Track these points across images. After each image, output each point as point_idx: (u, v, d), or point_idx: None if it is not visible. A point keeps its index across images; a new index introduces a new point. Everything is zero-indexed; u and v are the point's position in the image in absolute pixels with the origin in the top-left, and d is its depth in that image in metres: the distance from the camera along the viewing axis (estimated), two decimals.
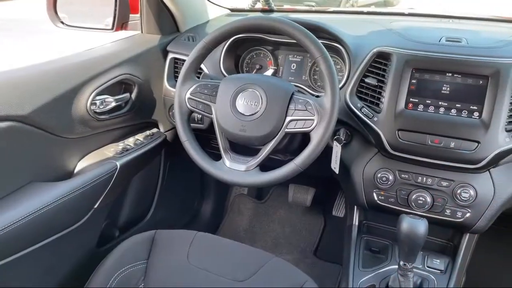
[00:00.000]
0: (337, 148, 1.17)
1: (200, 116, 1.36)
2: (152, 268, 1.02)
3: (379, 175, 1.15)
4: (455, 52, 1.04)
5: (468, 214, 1.08)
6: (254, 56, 1.42)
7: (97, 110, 1.22)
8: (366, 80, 1.11)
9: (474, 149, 0.99)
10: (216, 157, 1.12)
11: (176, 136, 1.39)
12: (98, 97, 1.21)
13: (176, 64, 1.45)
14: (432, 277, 1.14)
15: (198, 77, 1.19)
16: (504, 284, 1.64)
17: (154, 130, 1.48)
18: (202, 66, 1.33)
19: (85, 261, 1.24)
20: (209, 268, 1.01)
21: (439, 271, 1.15)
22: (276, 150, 1.08)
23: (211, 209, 2.00)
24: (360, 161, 1.19)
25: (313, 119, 1.00)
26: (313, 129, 0.99)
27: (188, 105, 1.12)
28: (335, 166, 1.18)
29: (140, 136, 1.40)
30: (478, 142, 0.99)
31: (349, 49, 1.18)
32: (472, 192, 1.06)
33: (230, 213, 2.09)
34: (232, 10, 1.74)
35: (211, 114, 1.10)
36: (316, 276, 1.05)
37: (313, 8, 1.80)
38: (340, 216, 1.87)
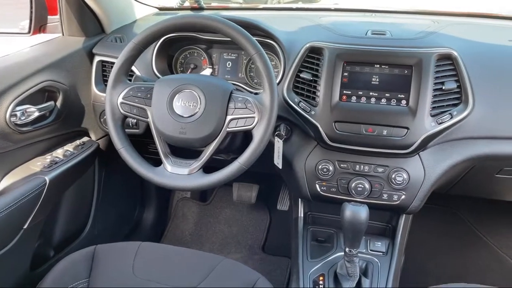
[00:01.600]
0: (278, 144, 1.18)
1: (135, 120, 1.30)
2: (96, 286, 0.95)
3: (320, 166, 1.17)
4: (381, 45, 1.10)
5: (403, 197, 1.14)
6: (188, 56, 1.39)
7: (18, 122, 1.12)
8: (301, 75, 1.13)
9: (404, 135, 1.05)
10: (156, 162, 1.07)
11: (110, 144, 1.32)
12: (18, 108, 1.11)
13: (104, 67, 1.37)
14: (376, 259, 1.20)
15: (130, 80, 1.14)
16: (439, 257, 1.78)
17: (85, 139, 1.39)
18: (133, 68, 1.27)
19: (19, 286, 1.13)
20: (158, 279, 0.97)
21: (381, 253, 1.21)
22: (219, 150, 1.07)
23: (154, 217, 1.93)
24: (302, 155, 1.21)
25: (254, 117, 0.99)
26: (254, 126, 0.99)
27: (121, 110, 1.06)
28: (278, 161, 1.19)
29: (69, 147, 1.31)
30: (408, 128, 1.05)
31: (282, 45, 1.20)
32: (405, 175, 1.12)
33: (174, 218, 2.03)
34: (160, 9, 1.68)
35: (147, 118, 1.05)
36: (266, 271, 1.06)
37: (244, 5, 1.80)
38: (285, 210, 1.90)
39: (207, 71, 1.33)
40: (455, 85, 1.04)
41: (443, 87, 1.04)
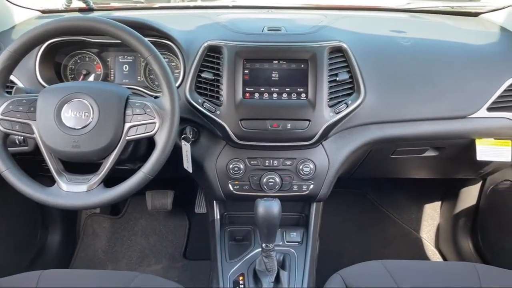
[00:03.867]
0: (186, 147, 1.14)
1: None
2: None
3: (231, 166, 1.17)
4: (277, 40, 1.12)
5: (311, 186, 1.18)
6: (78, 61, 1.28)
7: None
8: (203, 75, 1.11)
9: (307, 127, 1.09)
10: (52, 181, 0.97)
11: None
12: None
13: None
14: (292, 250, 1.23)
15: (9, 93, 1.01)
16: (351, 237, 1.89)
17: None
18: (14, 78, 1.14)
19: None
20: None
21: (297, 243, 1.25)
22: (121, 160, 1.00)
23: (60, 239, 1.76)
24: (211, 156, 1.19)
25: (155, 122, 0.95)
26: (156, 132, 0.94)
27: (1, 128, 0.94)
28: (187, 165, 1.16)
29: None
30: (309, 120, 1.09)
31: (180, 45, 1.16)
32: (311, 165, 1.16)
33: (83, 238, 1.88)
34: (43, 11, 1.53)
35: (33, 134, 0.94)
36: (189, 278, 1.02)
37: (138, 5, 1.71)
38: (204, 212, 1.87)
39: (97, 77, 1.24)
40: (347, 76, 1.10)
41: (337, 79, 1.09)
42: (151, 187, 1.80)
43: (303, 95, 1.09)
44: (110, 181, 0.98)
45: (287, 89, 1.10)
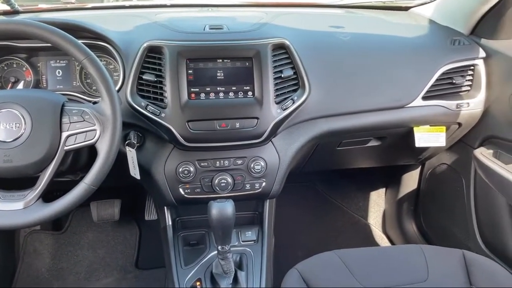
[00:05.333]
0: (131, 153, 1.09)
1: None
2: None
3: (180, 169, 1.13)
4: (219, 39, 1.10)
5: (264, 183, 1.18)
6: (5, 68, 1.17)
7: None
8: (144, 77, 1.06)
9: (255, 125, 1.08)
10: None
11: None
12: None
13: None
14: (248, 249, 1.22)
15: None
16: (305, 230, 1.93)
17: None
18: None
19: None
20: None
21: (253, 242, 1.25)
22: (61, 172, 0.94)
23: None
24: (159, 160, 1.15)
25: (95, 129, 0.89)
26: (97, 140, 0.89)
27: None
28: (134, 172, 1.11)
29: None
30: (257, 118, 1.08)
31: (117, 46, 1.11)
32: (262, 163, 1.16)
33: (24, 257, 1.74)
34: None
35: None
36: None
37: (69, 6, 1.61)
38: (154, 219, 1.80)
39: (27, 84, 1.15)
40: (291, 72, 1.11)
41: (282, 75, 1.10)
42: (96, 197, 1.71)
43: (250, 93, 1.09)
44: (49, 195, 0.91)
45: (233, 88, 1.08)
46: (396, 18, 1.55)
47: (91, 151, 1.05)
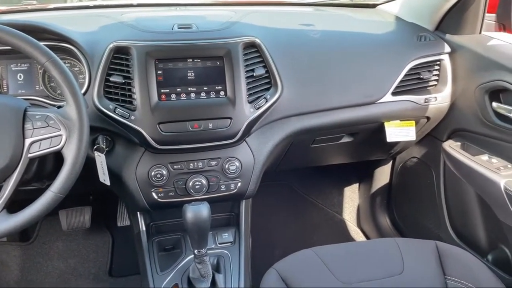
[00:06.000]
0: (100, 159, 1.06)
1: None
2: None
3: (152, 173, 1.10)
4: (188, 38, 1.08)
5: (239, 184, 1.17)
6: None
7: None
8: (111, 78, 1.03)
9: (229, 125, 1.07)
10: None
11: None
12: None
13: None
14: (226, 251, 1.21)
15: None
16: (282, 228, 1.93)
17: None
18: None
19: None
20: None
21: (230, 243, 1.23)
22: (26, 180, 0.89)
23: None
24: (130, 165, 1.11)
25: (61, 135, 0.85)
26: (63, 146, 0.85)
27: None
28: (104, 178, 1.07)
29: None
30: (231, 118, 1.07)
31: (81, 47, 1.06)
32: (237, 163, 1.15)
33: None
34: None
35: None
36: None
37: (29, 7, 1.54)
38: (127, 225, 1.76)
39: None
40: (263, 70, 1.11)
41: (254, 74, 1.09)
42: (64, 205, 1.65)
43: (222, 92, 1.07)
44: (14, 205, 0.86)
45: (205, 88, 1.06)
46: (364, 15, 1.58)
47: (57, 158, 1.00)
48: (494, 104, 1.18)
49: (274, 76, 1.12)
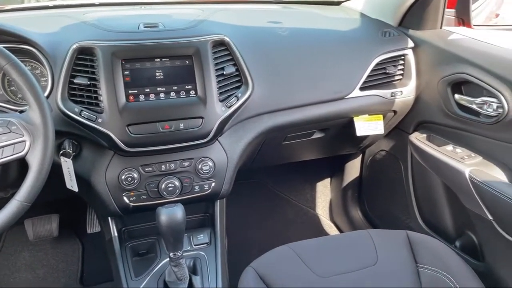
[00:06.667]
0: (67, 164, 1.02)
1: None
2: None
3: (123, 177, 1.07)
4: (155, 37, 1.05)
5: (213, 184, 1.16)
6: None
7: None
8: (76, 80, 0.99)
9: (201, 125, 1.06)
10: None
11: None
12: None
13: None
14: (202, 253, 1.19)
15: None
16: (257, 226, 1.93)
17: None
18: None
19: None
20: None
21: (206, 244, 1.22)
22: None
23: None
24: (99, 169, 1.08)
25: (24, 141, 0.81)
26: (27, 152, 0.81)
27: None
28: (71, 184, 1.03)
29: None
30: (202, 118, 1.05)
31: (42, 49, 1.02)
32: (210, 163, 1.14)
33: None
34: None
35: None
36: None
37: None
38: (98, 231, 1.71)
39: None
40: (234, 69, 1.10)
41: (224, 72, 1.08)
42: (30, 213, 1.58)
43: (192, 92, 1.05)
44: None
45: (174, 88, 1.04)
46: (329, 12, 1.60)
47: (21, 165, 0.96)
48: (457, 96, 1.23)
49: (244, 74, 1.11)
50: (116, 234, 1.19)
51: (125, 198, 1.09)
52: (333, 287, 0.98)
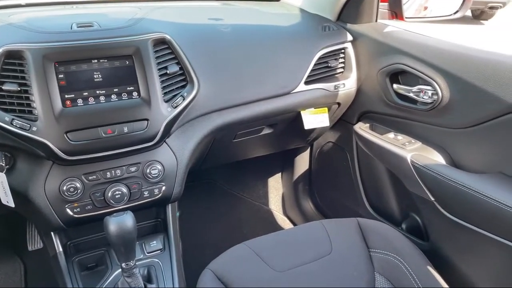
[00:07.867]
0: (0, 178, 0.93)
1: None
2: None
3: (64, 187, 1.01)
4: (90, 37, 0.99)
5: (163, 188, 1.12)
6: None
7: None
8: (4, 87, 0.91)
9: (146, 127, 1.02)
10: None
11: None
12: None
13: None
14: (156, 259, 1.15)
15: None
16: (211, 227, 1.90)
17: None
18: None
19: None
20: None
21: (159, 251, 1.18)
22: None
23: None
24: (37, 181, 1.00)
25: None
26: None
27: None
28: (7, 200, 0.96)
29: None
30: (147, 120, 1.01)
31: None
32: (159, 166, 1.10)
33: None
34: None
35: None
36: None
37: None
38: (40, 248, 1.59)
39: None
40: (177, 67, 1.07)
41: (168, 72, 1.05)
42: None
43: (135, 93, 1.01)
44: None
45: (115, 90, 0.99)
46: (269, 8, 1.61)
47: None
48: (395, 85, 1.29)
49: (189, 73, 1.08)
50: (60, 249, 1.11)
51: (68, 210, 1.02)
52: (292, 281, 0.99)
